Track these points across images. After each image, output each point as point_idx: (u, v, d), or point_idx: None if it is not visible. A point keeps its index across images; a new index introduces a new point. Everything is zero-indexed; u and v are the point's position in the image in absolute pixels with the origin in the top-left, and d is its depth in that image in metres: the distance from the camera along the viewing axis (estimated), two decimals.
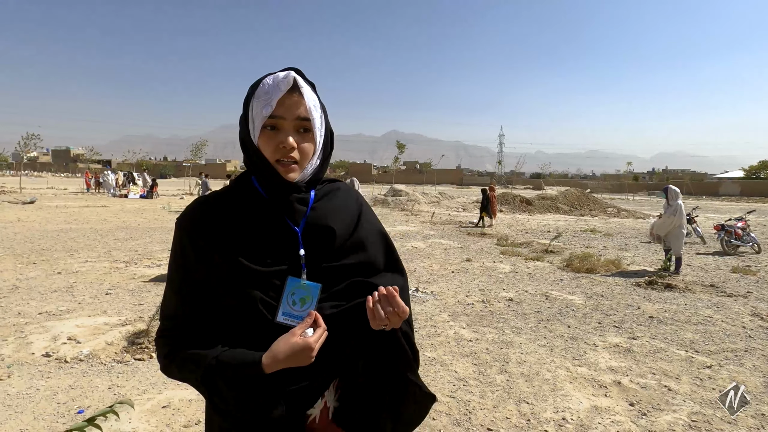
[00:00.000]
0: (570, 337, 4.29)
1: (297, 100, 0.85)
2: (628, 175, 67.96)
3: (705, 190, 47.54)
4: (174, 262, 0.90)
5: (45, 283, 5.69)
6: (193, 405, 2.87)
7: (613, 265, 7.60)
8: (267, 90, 0.84)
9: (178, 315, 0.89)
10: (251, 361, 0.81)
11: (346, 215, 0.98)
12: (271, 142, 0.85)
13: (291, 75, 0.85)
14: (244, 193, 0.91)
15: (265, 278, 0.85)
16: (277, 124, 0.85)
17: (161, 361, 0.90)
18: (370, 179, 63.56)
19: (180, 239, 0.89)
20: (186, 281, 0.88)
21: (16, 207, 15.92)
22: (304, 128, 0.87)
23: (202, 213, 0.89)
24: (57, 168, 78.25)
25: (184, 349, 0.87)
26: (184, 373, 0.87)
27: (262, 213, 0.89)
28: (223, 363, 0.82)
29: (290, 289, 0.86)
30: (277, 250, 0.88)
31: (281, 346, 0.81)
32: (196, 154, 33.47)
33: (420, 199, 22.88)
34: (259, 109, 0.84)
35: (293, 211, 0.90)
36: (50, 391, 3.00)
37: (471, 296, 5.72)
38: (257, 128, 0.85)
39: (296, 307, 0.86)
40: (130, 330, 4.07)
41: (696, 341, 4.25)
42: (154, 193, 23.21)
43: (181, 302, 0.88)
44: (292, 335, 0.82)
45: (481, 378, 3.39)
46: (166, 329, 0.90)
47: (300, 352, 0.81)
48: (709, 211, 22.31)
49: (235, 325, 0.86)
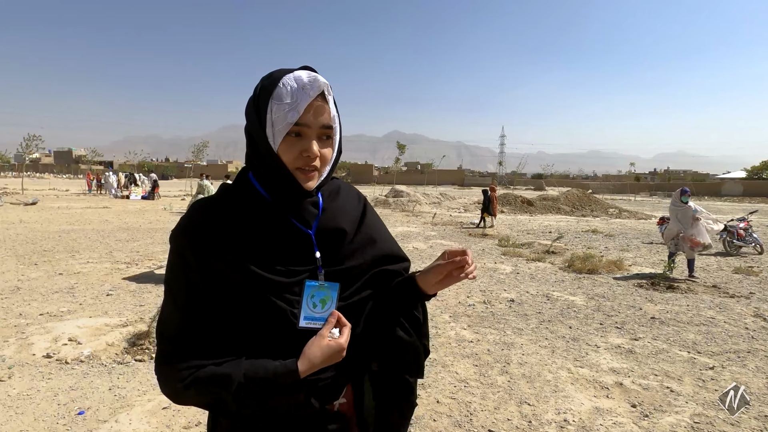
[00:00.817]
0: (571, 338, 4.27)
1: (322, 106, 0.82)
2: (630, 175, 67.85)
3: (707, 190, 47.42)
4: (174, 278, 0.83)
5: (46, 284, 5.70)
6: (194, 406, 2.87)
7: (615, 265, 7.58)
8: (291, 93, 0.80)
9: (182, 336, 0.81)
10: (286, 372, 0.79)
11: (352, 213, 0.98)
12: (294, 149, 0.81)
13: (320, 80, 0.81)
14: (245, 197, 0.87)
15: (285, 287, 0.82)
16: (302, 130, 0.81)
17: (170, 389, 0.81)
18: (371, 180, 63.55)
19: (180, 252, 0.82)
20: (191, 297, 0.81)
21: (18, 208, 15.96)
22: (326, 135, 0.84)
23: (202, 222, 0.83)
24: (59, 169, 78.49)
25: (197, 370, 0.79)
26: (205, 396, 0.79)
27: (268, 217, 0.85)
28: (255, 379, 0.78)
29: (309, 293, 0.84)
30: (290, 254, 0.85)
31: (315, 350, 0.80)
32: (198, 155, 33.54)
33: (421, 200, 22.87)
34: (282, 113, 0.79)
35: (304, 214, 0.88)
36: (51, 392, 3.00)
37: (472, 297, 5.71)
38: (279, 133, 0.80)
39: (317, 309, 0.85)
40: (131, 331, 4.07)
41: (698, 342, 4.23)
42: (156, 194, 23.27)
43: (185, 321, 0.81)
44: (322, 338, 0.81)
45: (482, 379, 3.38)
46: (167, 353, 0.82)
47: (334, 354, 0.82)
48: (712, 212, 22.28)
49: (254, 337, 0.82)
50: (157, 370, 0.83)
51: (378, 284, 0.96)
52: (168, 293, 0.84)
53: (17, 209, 15.51)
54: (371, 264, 0.95)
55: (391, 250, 1.02)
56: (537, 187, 54.09)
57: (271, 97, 0.81)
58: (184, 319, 0.81)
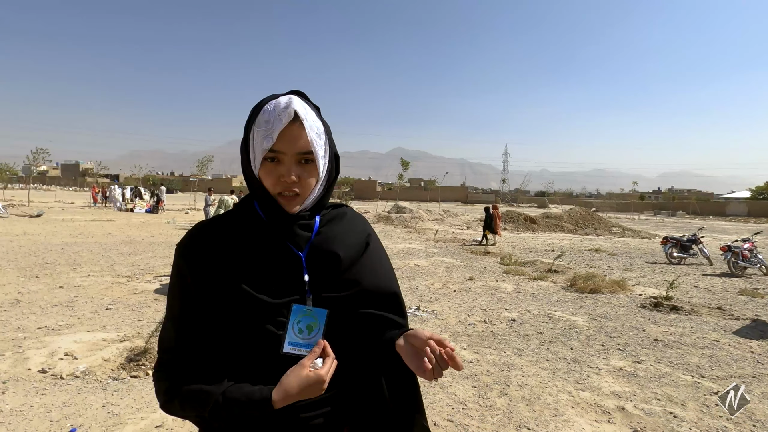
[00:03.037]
0: (573, 360, 4.21)
1: (298, 132, 0.81)
2: (634, 194, 67.70)
3: (712, 210, 47.18)
4: (173, 291, 0.87)
5: (46, 297, 5.70)
6: (187, 425, 2.83)
7: (617, 285, 7.50)
8: (267, 119, 0.81)
9: (177, 347, 0.84)
10: (260, 399, 0.78)
11: (352, 240, 0.95)
12: (272, 175, 0.83)
13: (292, 106, 0.81)
14: (245, 218, 0.89)
15: (271, 309, 0.82)
16: (277, 156, 0.82)
17: (161, 398, 0.85)
18: (374, 196, 63.73)
19: (179, 266, 0.85)
20: (185, 311, 0.84)
21: (23, 220, 16.08)
22: (305, 159, 0.84)
23: (201, 239, 0.86)
24: (66, 182, 79.26)
25: (185, 384, 0.82)
26: (186, 410, 0.82)
27: (264, 238, 0.87)
28: (231, 400, 0.78)
29: (295, 317, 0.83)
30: (280, 275, 0.85)
31: (292, 380, 0.78)
32: (202, 170, 33.81)
33: (424, 217, 22.87)
34: (260, 140, 0.82)
35: (296, 236, 0.88)
36: (44, 408, 2.97)
37: (473, 316, 5.65)
38: (258, 158, 0.83)
39: (302, 335, 0.83)
40: (128, 346, 4.04)
41: (702, 366, 4.15)
42: (160, 207, 23.40)
43: (180, 333, 0.84)
44: (302, 367, 0.79)
45: (481, 401, 3.32)
46: (164, 362, 0.86)
47: (312, 386, 0.78)
48: (716, 232, 22.10)
49: (239, 357, 0.83)
50: (154, 377, 0.88)
51: (369, 328, 0.91)
52: (168, 303, 0.89)
53: (22, 221, 15.62)
54: (362, 299, 0.91)
55: (390, 288, 0.96)
56: (540, 204, 54.04)
57: (253, 124, 0.84)
58: (179, 329, 0.85)
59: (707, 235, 17.25)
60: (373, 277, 0.93)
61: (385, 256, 1.02)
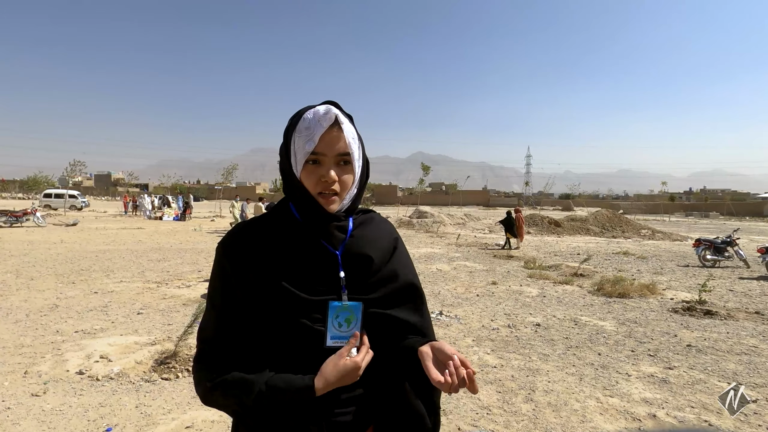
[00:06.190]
0: (600, 366, 4.10)
1: (337, 135, 0.88)
2: (663, 195, 65.46)
3: (748, 210, 45.16)
4: (215, 285, 0.91)
5: (82, 302, 5.95)
6: (216, 426, 2.90)
7: (647, 289, 7.28)
8: (308, 125, 0.87)
9: (218, 338, 0.88)
10: (304, 386, 0.83)
11: (382, 244, 1.00)
12: (313, 176, 0.88)
13: (332, 111, 0.88)
14: (283, 219, 0.94)
15: (311, 304, 0.87)
16: (318, 158, 0.88)
17: (201, 388, 0.87)
18: (395, 201, 63.77)
19: (221, 262, 0.90)
20: (227, 304, 0.88)
21: (60, 229, 16.84)
22: (344, 161, 0.90)
23: (243, 237, 0.91)
24: (99, 191, 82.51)
25: (226, 374, 0.85)
26: (229, 399, 0.84)
27: (300, 237, 0.92)
28: (274, 388, 0.82)
29: (334, 312, 0.88)
30: (316, 272, 0.90)
31: (330, 369, 0.84)
32: (227, 178, 34.67)
33: (445, 221, 22.74)
34: (302, 144, 0.87)
35: (332, 236, 0.93)
36: (82, 408, 3.11)
37: (496, 320, 5.58)
38: (300, 162, 0.89)
39: (342, 328, 0.89)
40: (159, 349, 4.18)
41: (739, 372, 3.98)
42: (188, 215, 24.09)
43: (221, 326, 0.88)
44: (339, 356, 0.85)
45: (506, 407, 3.28)
46: (204, 354, 0.89)
47: (349, 373, 0.85)
48: (753, 233, 21.14)
49: (280, 350, 0.87)
50: (193, 369, 0.90)
51: (393, 330, 0.95)
52: (209, 298, 0.92)
53: (59, 230, 16.36)
54: (392, 301, 0.96)
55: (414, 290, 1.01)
56: (565, 207, 52.87)
57: (294, 131, 0.90)
58: (220, 321, 0.88)
59: (743, 236, 16.51)
60: (399, 280, 0.98)
61: (409, 259, 1.07)
